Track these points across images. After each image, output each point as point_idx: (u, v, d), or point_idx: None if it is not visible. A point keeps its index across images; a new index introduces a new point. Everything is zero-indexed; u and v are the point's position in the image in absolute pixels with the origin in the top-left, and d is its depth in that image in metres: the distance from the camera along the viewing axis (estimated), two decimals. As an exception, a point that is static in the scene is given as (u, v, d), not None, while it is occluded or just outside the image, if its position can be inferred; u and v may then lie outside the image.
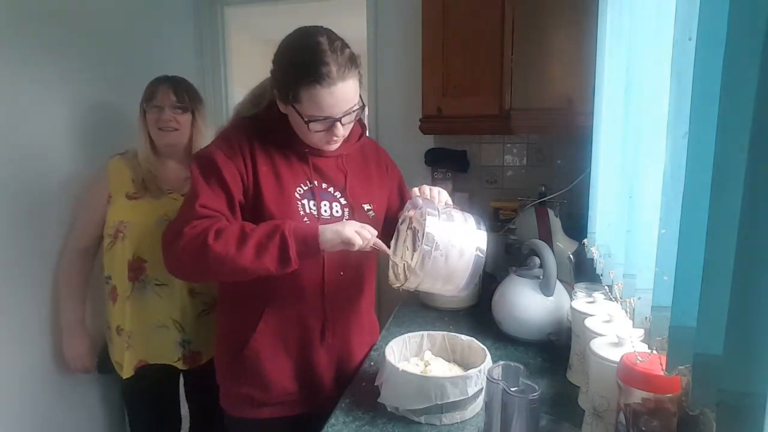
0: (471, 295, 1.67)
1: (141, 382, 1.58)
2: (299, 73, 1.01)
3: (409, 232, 1.14)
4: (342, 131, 1.09)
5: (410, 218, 1.13)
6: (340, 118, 1.05)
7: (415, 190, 1.19)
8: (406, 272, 1.05)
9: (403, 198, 1.36)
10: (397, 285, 1.07)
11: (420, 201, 1.12)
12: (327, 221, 1.13)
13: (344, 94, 1.03)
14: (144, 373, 1.56)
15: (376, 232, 1.06)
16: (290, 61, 1.04)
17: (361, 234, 1.02)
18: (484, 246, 1.05)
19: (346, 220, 1.13)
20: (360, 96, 1.08)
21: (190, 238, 1.00)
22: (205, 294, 1.58)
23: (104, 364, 1.65)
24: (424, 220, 1.02)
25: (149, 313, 1.53)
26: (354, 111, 1.07)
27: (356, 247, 1.02)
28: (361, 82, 1.08)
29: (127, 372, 1.55)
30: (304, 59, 1.01)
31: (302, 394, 1.20)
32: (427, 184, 1.20)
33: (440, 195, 1.17)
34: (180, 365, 1.57)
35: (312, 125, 1.05)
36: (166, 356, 1.56)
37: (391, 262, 1.10)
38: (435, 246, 1.00)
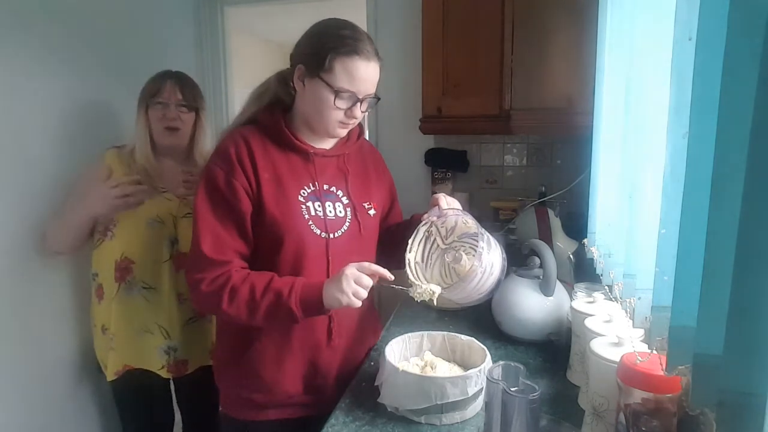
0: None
1: (130, 385, 1.54)
2: (340, 42, 1.05)
3: (425, 234, 1.16)
4: (359, 114, 1.11)
5: (432, 223, 1.15)
6: (362, 99, 1.08)
7: (440, 196, 1.16)
8: (432, 291, 1.07)
9: (393, 202, 1.37)
10: (420, 299, 1.08)
11: (450, 213, 1.13)
12: (332, 222, 1.14)
13: (374, 75, 1.09)
14: (131, 376, 1.51)
15: (371, 282, 1.03)
16: (330, 31, 1.08)
17: (357, 294, 1.01)
18: (504, 273, 1.11)
19: (344, 273, 1.03)
20: None
21: (205, 295, 1.07)
22: None
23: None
24: (482, 250, 1.05)
25: (135, 317, 1.47)
26: (373, 98, 1.12)
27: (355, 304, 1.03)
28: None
29: (110, 375, 1.51)
30: (346, 32, 1.07)
31: (306, 396, 1.19)
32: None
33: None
34: (164, 373, 1.51)
35: (338, 101, 1.07)
36: (149, 362, 1.50)
37: (411, 280, 1.09)
38: (484, 270, 1.05)
